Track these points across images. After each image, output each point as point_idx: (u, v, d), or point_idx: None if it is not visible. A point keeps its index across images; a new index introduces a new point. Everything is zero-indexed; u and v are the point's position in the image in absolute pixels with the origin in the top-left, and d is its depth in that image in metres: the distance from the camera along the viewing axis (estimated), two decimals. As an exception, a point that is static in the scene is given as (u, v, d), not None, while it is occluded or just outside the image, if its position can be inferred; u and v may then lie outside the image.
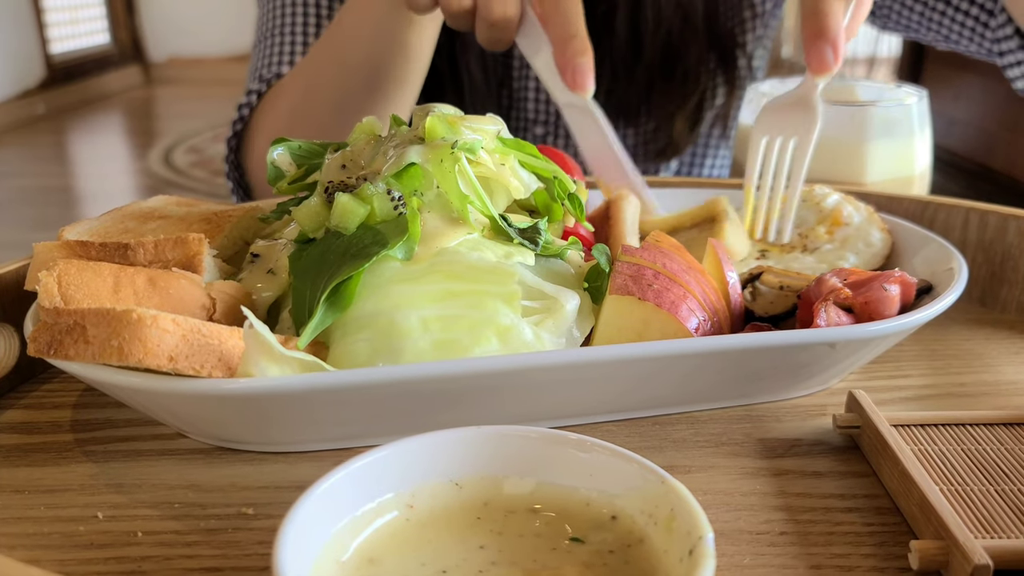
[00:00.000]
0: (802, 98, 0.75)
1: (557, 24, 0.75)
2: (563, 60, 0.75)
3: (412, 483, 0.43)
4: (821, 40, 0.71)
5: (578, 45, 0.75)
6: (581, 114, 0.78)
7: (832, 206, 0.75)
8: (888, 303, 0.59)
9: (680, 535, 0.38)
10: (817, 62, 0.72)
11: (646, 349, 0.54)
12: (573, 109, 0.78)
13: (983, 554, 0.42)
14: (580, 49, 0.75)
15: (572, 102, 0.78)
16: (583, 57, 0.75)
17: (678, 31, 1.12)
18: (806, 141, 0.75)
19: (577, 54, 0.75)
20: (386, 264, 0.55)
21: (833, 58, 0.71)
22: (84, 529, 0.49)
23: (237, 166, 1.09)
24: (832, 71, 0.72)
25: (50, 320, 0.49)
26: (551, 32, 0.76)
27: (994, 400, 0.63)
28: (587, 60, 0.75)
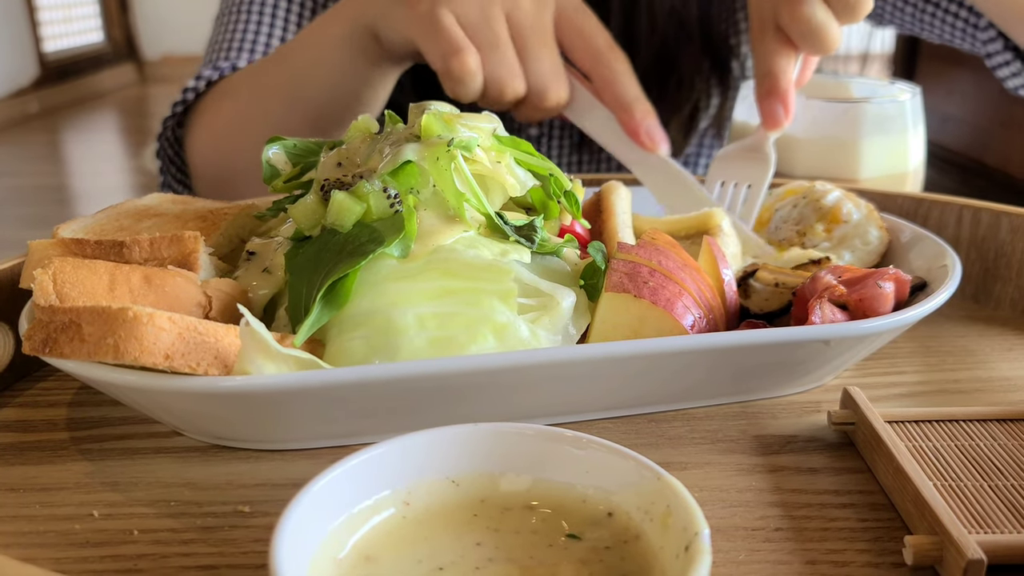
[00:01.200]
0: (756, 147, 0.81)
1: (616, 89, 0.79)
2: (634, 124, 0.79)
3: (409, 480, 0.43)
4: (772, 98, 0.78)
5: (644, 107, 0.79)
6: (657, 170, 0.80)
7: (832, 203, 0.75)
8: (882, 300, 0.60)
9: (676, 531, 0.38)
10: (769, 119, 0.79)
11: (642, 346, 0.54)
12: (646, 166, 0.80)
13: (977, 549, 0.42)
14: (647, 110, 0.79)
15: (643, 160, 0.80)
16: (652, 118, 0.79)
17: (672, 37, 1.12)
18: (759, 187, 0.79)
19: (646, 116, 0.79)
20: (382, 262, 0.55)
21: (784, 115, 0.78)
22: (80, 527, 0.49)
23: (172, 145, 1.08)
24: (783, 127, 0.79)
25: (45, 318, 0.49)
26: (611, 98, 0.79)
27: (988, 396, 0.63)
28: (655, 120, 0.79)
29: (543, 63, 0.78)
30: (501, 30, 0.77)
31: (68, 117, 6.07)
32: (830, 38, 0.74)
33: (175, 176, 1.10)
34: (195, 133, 1.04)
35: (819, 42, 0.74)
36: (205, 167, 1.04)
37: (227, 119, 1.00)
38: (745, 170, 0.80)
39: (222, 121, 1.00)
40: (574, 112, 0.82)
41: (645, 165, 0.80)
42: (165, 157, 1.09)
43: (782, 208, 0.77)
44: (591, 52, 0.80)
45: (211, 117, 1.02)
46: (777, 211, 0.78)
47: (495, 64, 0.76)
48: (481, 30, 0.76)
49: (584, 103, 0.81)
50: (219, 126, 1.00)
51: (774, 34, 0.76)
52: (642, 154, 0.80)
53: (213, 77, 1.04)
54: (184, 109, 1.06)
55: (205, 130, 1.03)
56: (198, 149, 1.04)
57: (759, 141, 0.81)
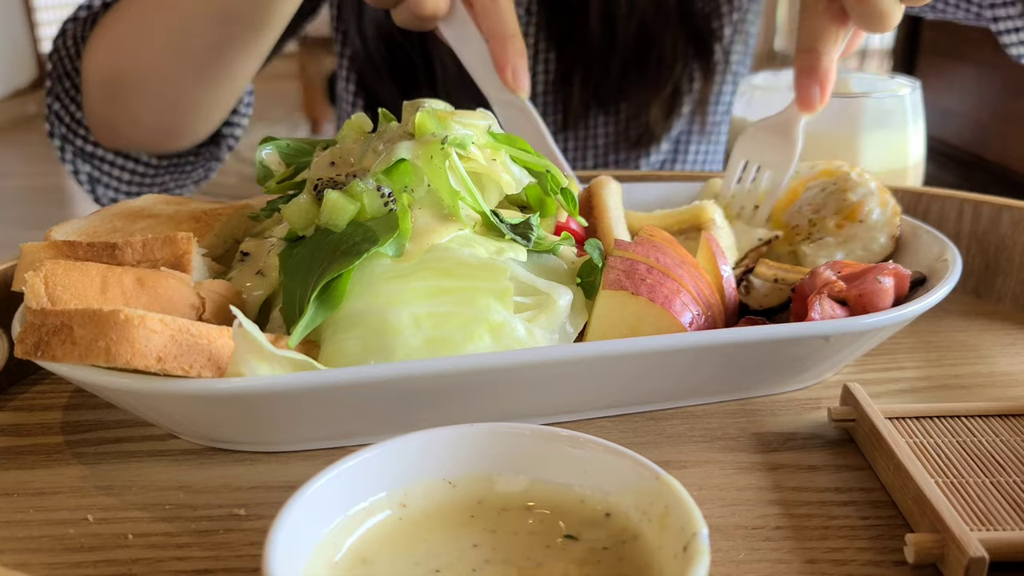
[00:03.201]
0: (785, 129, 0.76)
1: (495, 21, 0.76)
2: (503, 59, 0.76)
3: (405, 482, 0.42)
4: (811, 79, 0.73)
5: (517, 45, 0.76)
6: (518, 113, 0.78)
7: (856, 200, 0.74)
8: (882, 295, 0.59)
9: (674, 531, 0.38)
10: (805, 99, 0.74)
11: (640, 344, 0.53)
12: (509, 107, 0.79)
13: (979, 547, 0.42)
14: (519, 49, 0.76)
15: (508, 100, 0.78)
16: (522, 59, 0.76)
17: (652, 18, 1.11)
18: (779, 175, 0.76)
19: (517, 54, 0.76)
20: (377, 261, 0.54)
21: (820, 98, 0.73)
22: (74, 532, 0.48)
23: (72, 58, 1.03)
24: (817, 111, 0.74)
25: (37, 321, 0.48)
26: (488, 28, 0.77)
27: (989, 391, 0.62)
28: (525, 62, 0.77)
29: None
30: None
31: (67, 118, 6.06)
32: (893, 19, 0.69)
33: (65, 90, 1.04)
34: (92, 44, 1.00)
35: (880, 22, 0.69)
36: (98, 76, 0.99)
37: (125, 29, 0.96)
38: (769, 153, 0.76)
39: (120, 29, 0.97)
40: (450, 31, 0.79)
41: (508, 107, 0.79)
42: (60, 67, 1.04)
43: (812, 187, 0.77)
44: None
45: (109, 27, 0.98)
46: (808, 189, 0.77)
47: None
48: None
49: (462, 25, 0.79)
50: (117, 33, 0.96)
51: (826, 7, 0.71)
52: (507, 95, 0.78)
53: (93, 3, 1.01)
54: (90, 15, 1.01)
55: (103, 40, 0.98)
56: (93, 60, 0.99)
57: (789, 122, 0.76)
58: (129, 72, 0.96)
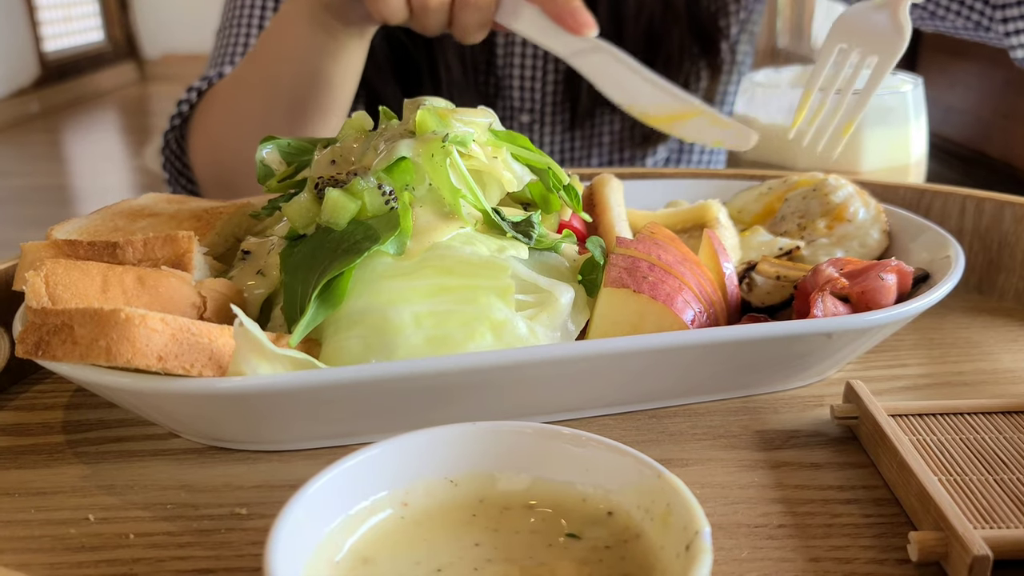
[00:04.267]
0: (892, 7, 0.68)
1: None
2: (558, 9, 0.76)
3: (407, 481, 0.42)
4: None
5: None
6: (595, 54, 0.76)
7: (840, 201, 0.74)
8: (885, 292, 0.59)
9: (676, 530, 0.38)
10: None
11: (642, 342, 0.53)
12: (584, 54, 0.76)
13: (982, 545, 0.42)
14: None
15: (580, 48, 0.76)
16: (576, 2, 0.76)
17: (659, 16, 1.11)
18: (886, 62, 0.69)
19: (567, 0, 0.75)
20: (378, 259, 0.54)
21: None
22: (75, 532, 0.48)
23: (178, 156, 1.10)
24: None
25: (37, 320, 0.48)
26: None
27: (992, 388, 0.62)
28: (580, 3, 0.76)
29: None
30: None
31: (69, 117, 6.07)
32: None
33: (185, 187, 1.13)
34: (193, 141, 1.07)
35: None
36: (205, 171, 1.07)
37: (216, 122, 1.02)
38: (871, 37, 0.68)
39: (213, 125, 1.03)
40: (504, 14, 0.79)
41: (586, 55, 0.76)
42: (172, 170, 1.12)
43: (792, 198, 0.77)
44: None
45: (203, 123, 1.04)
46: (787, 200, 0.77)
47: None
48: None
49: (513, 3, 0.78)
50: (211, 130, 1.03)
51: None
52: (575, 43, 0.76)
53: (203, 87, 1.07)
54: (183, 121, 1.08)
55: (200, 136, 1.05)
56: (197, 156, 1.07)
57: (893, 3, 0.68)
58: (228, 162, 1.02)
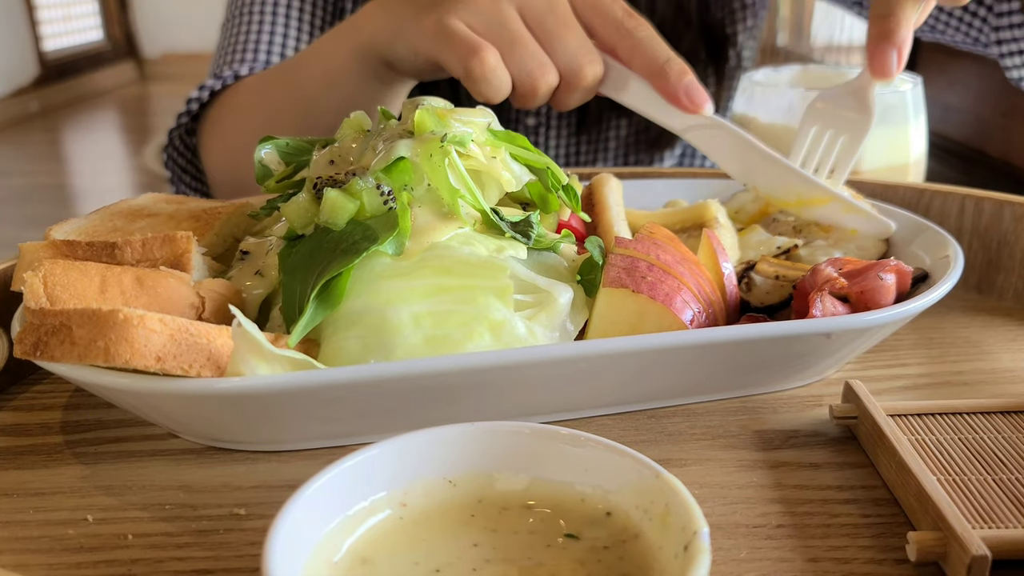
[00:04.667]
0: (857, 94, 0.73)
1: (644, 55, 0.74)
2: (671, 88, 0.73)
3: (405, 481, 0.42)
4: (888, 44, 0.70)
5: (678, 67, 0.74)
6: (709, 130, 0.74)
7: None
8: (884, 292, 0.59)
9: (675, 531, 0.38)
10: (880, 66, 0.70)
11: (640, 342, 0.53)
12: (699, 131, 0.74)
13: (981, 545, 0.42)
14: (681, 70, 0.73)
15: (693, 124, 0.74)
16: (688, 77, 0.73)
17: (671, 22, 1.11)
18: (856, 141, 0.73)
19: (682, 75, 0.73)
20: (376, 260, 0.54)
21: (896, 64, 0.70)
22: (74, 532, 0.48)
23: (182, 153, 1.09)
24: (892, 78, 0.71)
25: (35, 321, 0.48)
26: (641, 65, 0.74)
27: (991, 388, 0.62)
28: (693, 78, 0.74)
29: (569, 44, 0.74)
30: (516, 26, 0.74)
31: (68, 116, 6.07)
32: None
33: (190, 184, 1.11)
34: (208, 144, 1.05)
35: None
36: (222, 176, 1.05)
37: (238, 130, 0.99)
38: (842, 119, 0.73)
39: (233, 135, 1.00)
40: (610, 88, 0.77)
41: (696, 130, 0.74)
42: (175, 167, 1.10)
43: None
44: (611, 24, 0.75)
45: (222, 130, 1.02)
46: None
47: (520, 60, 0.73)
48: (495, 30, 0.73)
49: (619, 76, 0.76)
50: (231, 140, 1.00)
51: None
52: (689, 119, 0.74)
53: (216, 87, 1.04)
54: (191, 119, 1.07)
55: (218, 142, 1.03)
56: (213, 161, 1.04)
57: (861, 88, 0.73)
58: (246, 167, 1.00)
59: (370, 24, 0.83)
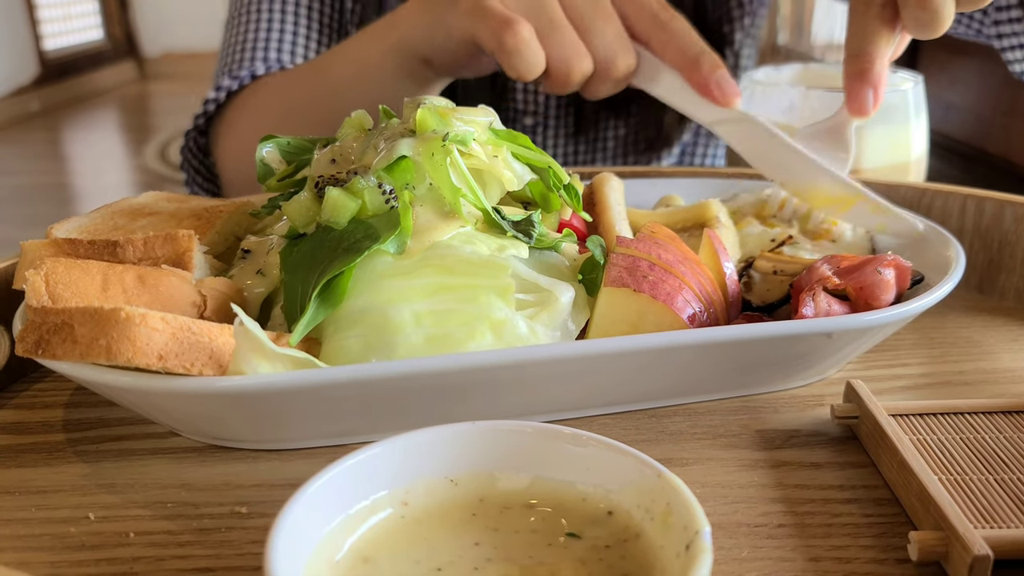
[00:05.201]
0: (835, 132, 0.74)
1: (678, 46, 0.74)
2: (702, 79, 0.73)
3: (407, 480, 0.42)
4: (863, 83, 0.70)
5: (711, 59, 0.74)
6: (738, 124, 0.74)
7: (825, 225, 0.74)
8: (883, 287, 0.59)
9: (677, 530, 0.38)
10: (856, 104, 0.71)
11: (642, 342, 0.53)
12: (727, 124, 0.75)
13: (983, 544, 0.42)
14: (714, 63, 0.74)
15: (722, 117, 0.74)
16: (720, 70, 0.74)
17: None
18: None
19: (714, 68, 0.73)
20: (378, 259, 0.54)
21: (873, 103, 0.71)
22: (75, 530, 0.48)
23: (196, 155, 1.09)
24: (869, 116, 0.72)
25: (37, 319, 0.48)
26: (674, 57, 0.75)
27: (992, 388, 0.62)
28: (725, 71, 0.74)
29: (607, 34, 0.75)
30: (555, 11, 0.74)
31: (69, 115, 6.07)
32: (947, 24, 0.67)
33: (203, 185, 1.11)
34: (224, 144, 1.04)
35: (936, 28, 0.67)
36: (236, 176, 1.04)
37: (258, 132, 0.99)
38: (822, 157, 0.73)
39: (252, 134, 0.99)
40: (642, 79, 0.77)
41: (726, 124, 0.74)
42: (190, 168, 1.10)
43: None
44: (647, 15, 0.76)
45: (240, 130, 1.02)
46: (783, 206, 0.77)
47: (558, 46, 0.73)
48: (534, 12, 0.74)
49: (651, 67, 0.77)
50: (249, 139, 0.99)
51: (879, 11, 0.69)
52: (719, 112, 0.74)
53: (233, 87, 1.04)
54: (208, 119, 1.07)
55: (235, 141, 1.02)
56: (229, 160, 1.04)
57: (839, 125, 0.73)
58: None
59: (407, 20, 0.83)
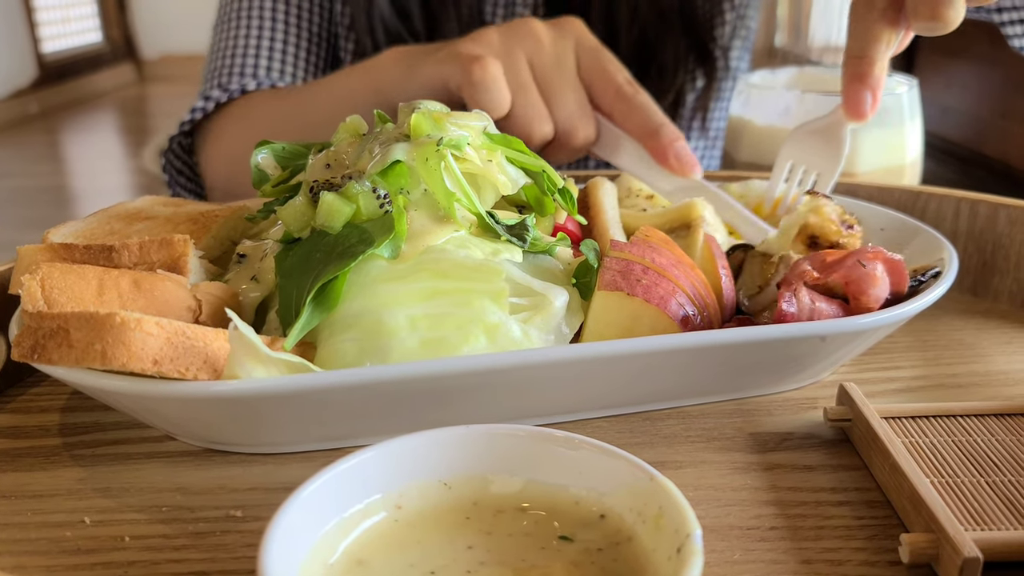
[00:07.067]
0: (831, 132, 0.75)
1: (639, 118, 0.77)
2: (662, 150, 0.76)
3: (400, 483, 0.43)
4: (861, 85, 0.70)
5: (671, 132, 0.76)
6: (697, 193, 0.76)
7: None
8: (870, 280, 0.59)
9: (668, 533, 0.38)
10: (853, 106, 0.71)
11: (635, 345, 0.53)
12: (685, 193, 0.77)
13: (973, 547, 0.42)
14: (674, 135, 0.76)
15: (682, 187, 0.77)
16: (680, 141, 0.76)
17: (653, 26, 1.11)
18: (826, 179, 0.75)
19: (674, 140, 0.76)
20: (372, 263, 0.54)
21: (871, 106, 0.71)
22: (71, 534, 0.48)
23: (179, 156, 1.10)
24: (867, 119, 0.72)
25: (33, 324, 0.48)
26: (635, 127, 0.77)
27: (985, 391, 0.62)
28: (684, 143, 0.76)
29: (569, 103, 0.78)
30: (524, 74, 0.77)
31: (67, 118, 6.07)
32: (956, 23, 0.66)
33: (186, 186, 1.13)
34: (211, 151, 1.07)
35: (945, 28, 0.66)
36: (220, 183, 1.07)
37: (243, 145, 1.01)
38: (816, 156, 0.76)
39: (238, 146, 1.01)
40: (603, 149, 0.80)
41: (683, 193, 0.77)
42: (172, 169, 1.12)
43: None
44: (612, 88, 0.79)
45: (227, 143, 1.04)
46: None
47: (521, 105, 0.76)
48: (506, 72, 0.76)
49: (612, 138, 0.80)
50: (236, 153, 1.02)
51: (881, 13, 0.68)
52: (678, 182, 0.77)
53: (222, 99, 1.06)
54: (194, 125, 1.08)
55: (221, 153, 1.05)
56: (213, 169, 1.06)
57: (835, 125, 0.75)
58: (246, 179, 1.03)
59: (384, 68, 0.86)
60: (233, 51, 1.10)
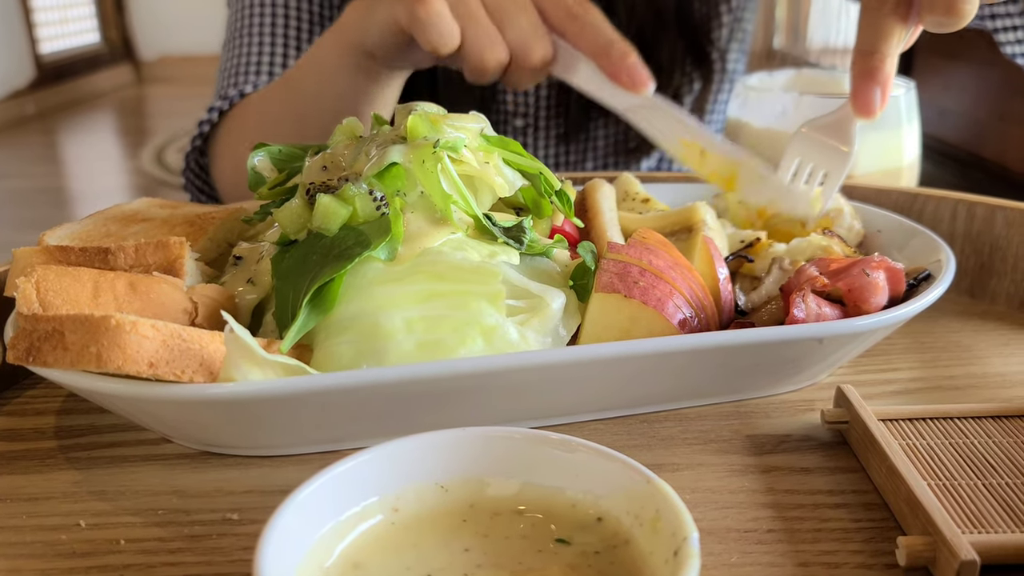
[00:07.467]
0: (839, 127, 0.74)
1: (590, 36, 0.76)
2: (613, 67, 0.75)
3: (397, 486, 0.42)
4: (871, 81, 0.69)
5: (621, 47, 0.75)
6: (651, 111, 0.76)
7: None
8: (872, 289, 0.59)
9: (665, 536, 0.38)
10: (862, 103, 0.70)
11: (633, 347, 0.53)
12: (639, 110, 0.77)
13: (970, 550, 0.42)
14: (624, 50, 0.75)
15: (634, 104, 0.76)
16: (631, 57, 0.75)
17: (650, 27, 1.11)
18: (834, 178, 0.74)
19: (624, 56, 0.75)
20: (369, 265, 0.54)
21: (880, 103, 0.70)
22: (66, 537, 0.48)
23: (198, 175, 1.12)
24: (875, 116, 0.71)
25: (28, 327, 0.48)
26: (587, 45, 0.76)
27: (982, 393, 0.62)
28: (635, 58, 0.75)
29: (520, 24, 0.77)
30: (472, 3, 0.76)
31: (65, 118, 6.06)
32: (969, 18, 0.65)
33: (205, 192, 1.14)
34: (219, 164, 1.08)
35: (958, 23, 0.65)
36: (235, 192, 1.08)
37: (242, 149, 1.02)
38: (823, 154, 0.74)
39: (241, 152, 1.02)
40: (560, 69, 0.80)
41: (640, 111, 0.76)
42: (193, 188, 1.13)
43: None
44: (562, 9, 0.78)
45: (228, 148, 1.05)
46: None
47: (472, 35, 0.76)
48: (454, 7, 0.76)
49: (568, 57, 0.79)
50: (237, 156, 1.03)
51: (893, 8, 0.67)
52: (631, 99, 0.76)
53: (224, 107, 1.07)
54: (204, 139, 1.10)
55: (225, 160, 1.06)
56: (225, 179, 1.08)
57: (843, 122, 0.73)
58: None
59: (350, 17, 0.86)
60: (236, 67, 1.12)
